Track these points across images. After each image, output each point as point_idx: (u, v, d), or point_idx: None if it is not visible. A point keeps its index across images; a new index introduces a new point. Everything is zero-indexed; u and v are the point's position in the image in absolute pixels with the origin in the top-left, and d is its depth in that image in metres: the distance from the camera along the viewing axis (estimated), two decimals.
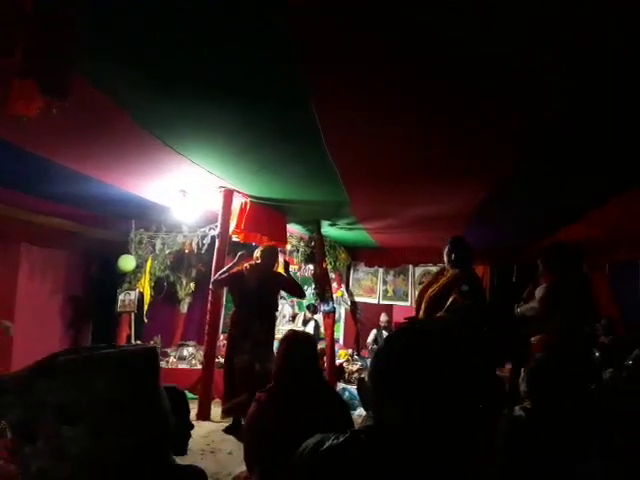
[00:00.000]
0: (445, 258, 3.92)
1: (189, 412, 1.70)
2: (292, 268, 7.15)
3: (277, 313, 5.02)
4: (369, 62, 2.16)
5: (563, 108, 2.50)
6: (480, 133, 2.91)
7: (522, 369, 3.32)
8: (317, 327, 7.63)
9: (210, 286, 4.82)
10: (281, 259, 5.50)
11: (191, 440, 4.30)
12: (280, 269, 5.19)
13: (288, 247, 6.51)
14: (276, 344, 5.94)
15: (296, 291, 4.97)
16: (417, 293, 4.36)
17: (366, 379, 1.22)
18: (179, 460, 1.53)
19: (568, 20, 1.74)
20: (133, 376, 1.02)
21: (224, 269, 4.68)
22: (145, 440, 1.01)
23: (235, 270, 4.64)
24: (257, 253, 4.66)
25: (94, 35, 2.02)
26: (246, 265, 4.64)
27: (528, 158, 3.25)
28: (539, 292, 3.66)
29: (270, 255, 4.69)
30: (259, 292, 4.52)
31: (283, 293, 5.58)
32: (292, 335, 2.49)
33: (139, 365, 1.05)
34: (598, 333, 5.99)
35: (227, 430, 4.41)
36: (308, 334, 2.71)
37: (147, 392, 1.05)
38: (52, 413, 0.94)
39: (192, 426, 1.68)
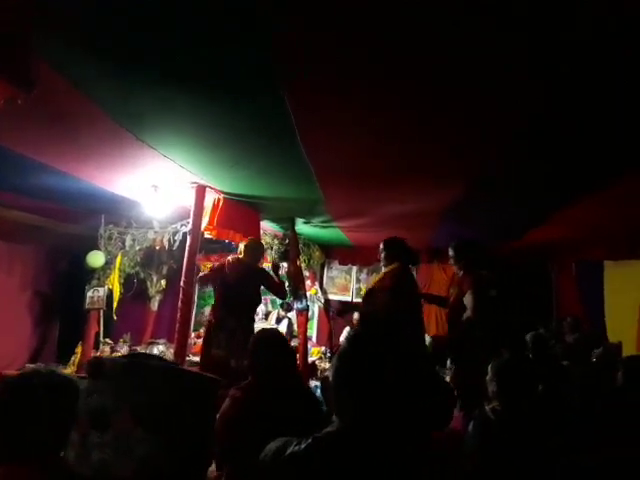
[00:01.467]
0: None
1: None
2: (266, 265, 7.12)
3: (258, 309, 4.92)
4: (344, 62, 2.15)
5: (534, 109, 2.54)
6: (454, 133, 2.94)
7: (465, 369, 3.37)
8: (290, 325, 7.62)
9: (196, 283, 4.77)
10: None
11: None
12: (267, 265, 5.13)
13: None
14: None
15: (278, 290, 4.84)
16: None
17: (330, 378, 1.21)
18: None
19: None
20: (206, 400, 1.07)
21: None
22: (194, 458, 1.05)
23: (218, 264, 4.61)
24: (241, 247, 4.61)
25: (62, 23, 1.97)
26: (229, 258, 4.61)
27: (500, 159, 3.30)
28: (469, 300, 3.70)
29: (253, 250, 4.62)
30: (238, 287, 4.48)
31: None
32: (262, 333, 2.49)
33: (211, 392, 1.11)
34: (564, 331, 6.16)
35: None
36: (278, 331, 2.70)
37: (208, 418, 1.10)
38: (132, 410, 0.94)
39: None
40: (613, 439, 2.25)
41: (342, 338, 7.72)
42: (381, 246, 4.07)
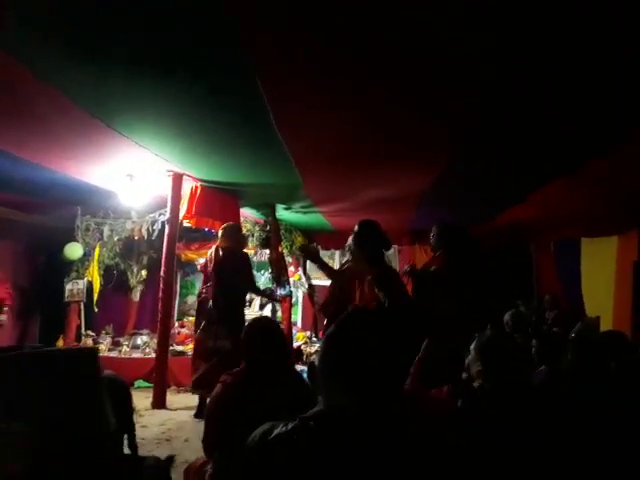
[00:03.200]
0: None
1: (131, 405, 1.65)
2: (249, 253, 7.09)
3: (235, 291, 4.90)
4: (317, 46, 2.13)
5: (511, 90, 2.55)
6: (426, 117, 2.94)
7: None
8: (274, 311, 7.63)
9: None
10: None
11: (147, 429, 4.21)
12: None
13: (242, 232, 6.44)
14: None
15: (247, 281, 4.85)
16: None
17: (316, 363, 1.21)
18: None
19: None
20: (76, 375, 1.01)
21: None
22: (89, 435, 0.99)
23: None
24: (219, 234, 4.66)
25: (28, 15, 1.90)
26: (215, 246, 4.68)
27: (472, 142, 3.31)
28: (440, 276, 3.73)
29: (230, 233, 4.64)
30: (216, 271, 4.55)
31: None
32: (255, 322, 2.50)
33: (88, 364, 1.05)
34: (544, 308, 6.29)
35: (197, 415, 4.43)
36: (272, 320, 2.71)
37: (88, 391, 1.04)
38: (3, 406, 0.90)
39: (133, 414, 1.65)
40: (598, 414, 2.29)
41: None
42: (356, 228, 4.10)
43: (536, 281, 7.66)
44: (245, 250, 5.09)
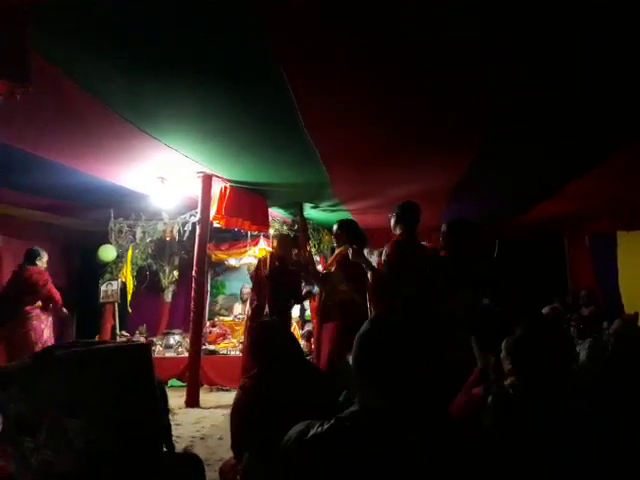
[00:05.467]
0: None
1: (167, 404, 1.67)
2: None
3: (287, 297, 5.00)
4: (343, 44, 2.13)
5: (528, 83, 2.50)
6: (457, 104, 2.89)
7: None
8: (303, 310, 7.64)
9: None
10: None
11: (181, 427, 4.26)
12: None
13: (271, 231, 6.47)
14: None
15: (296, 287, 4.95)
16: None
17: (349, 361, 1.21)
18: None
19: None
20: (130, 370, 1.03)
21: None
22: (142, 431, 1.01)
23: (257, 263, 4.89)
24: (274, 243, 4.77)
25: (61, 20, 1.95)
26: (270, 254, 4.77)
27: (504, 127, 3.24)
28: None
29: (285, 243, 4.78)
30: (271, 278, 4.65)
31: None
32: (258, 325, 2.53)
33: (135, 360, 1.06)
34: (580, 304, 6.12)
35: None
36: (275, 321, 2.74)
37: (142, 386, 1.05)
38: (55, 406, 0.92)
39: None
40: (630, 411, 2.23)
41: None
42: (335, 227, 4.12)
43: (570, 276, 7.47)
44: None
